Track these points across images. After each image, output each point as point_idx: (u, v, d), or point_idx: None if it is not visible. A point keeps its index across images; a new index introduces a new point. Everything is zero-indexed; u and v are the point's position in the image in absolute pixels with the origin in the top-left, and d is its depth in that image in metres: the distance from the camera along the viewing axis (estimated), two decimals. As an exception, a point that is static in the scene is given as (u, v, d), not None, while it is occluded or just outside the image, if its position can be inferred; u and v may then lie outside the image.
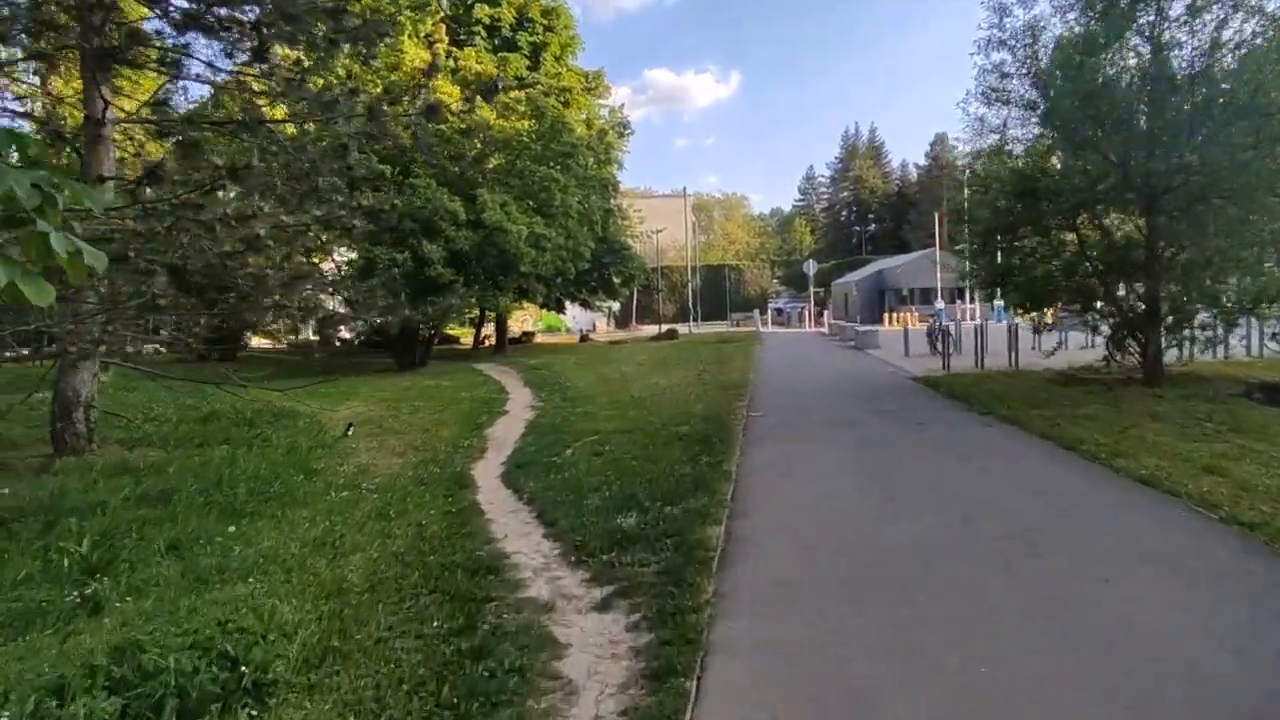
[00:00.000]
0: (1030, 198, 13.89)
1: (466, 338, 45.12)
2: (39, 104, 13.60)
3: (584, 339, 41.19)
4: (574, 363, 25.87)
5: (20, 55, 10.36)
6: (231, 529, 6.50)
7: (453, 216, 21.64)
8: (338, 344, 46.63)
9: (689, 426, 10.95)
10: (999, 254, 15.97)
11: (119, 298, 7.99)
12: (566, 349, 34.34)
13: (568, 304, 36.13)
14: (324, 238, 13.23)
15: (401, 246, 21.99)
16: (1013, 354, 17.16)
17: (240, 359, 33.17)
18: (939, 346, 19.38)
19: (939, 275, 45.98)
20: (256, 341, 44.04)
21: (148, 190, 7.94)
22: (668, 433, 10.51)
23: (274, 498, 7.45)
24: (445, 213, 21.47)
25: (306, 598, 4.93)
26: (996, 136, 14.45)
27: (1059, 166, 14.33)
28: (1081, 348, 17.00)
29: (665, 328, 40.31)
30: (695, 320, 44.92)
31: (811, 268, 42.26)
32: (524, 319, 54.08)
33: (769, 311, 50.78)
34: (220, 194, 8.35)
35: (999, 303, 26.72)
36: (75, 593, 4.99)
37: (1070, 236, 14.55)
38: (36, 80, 14.47)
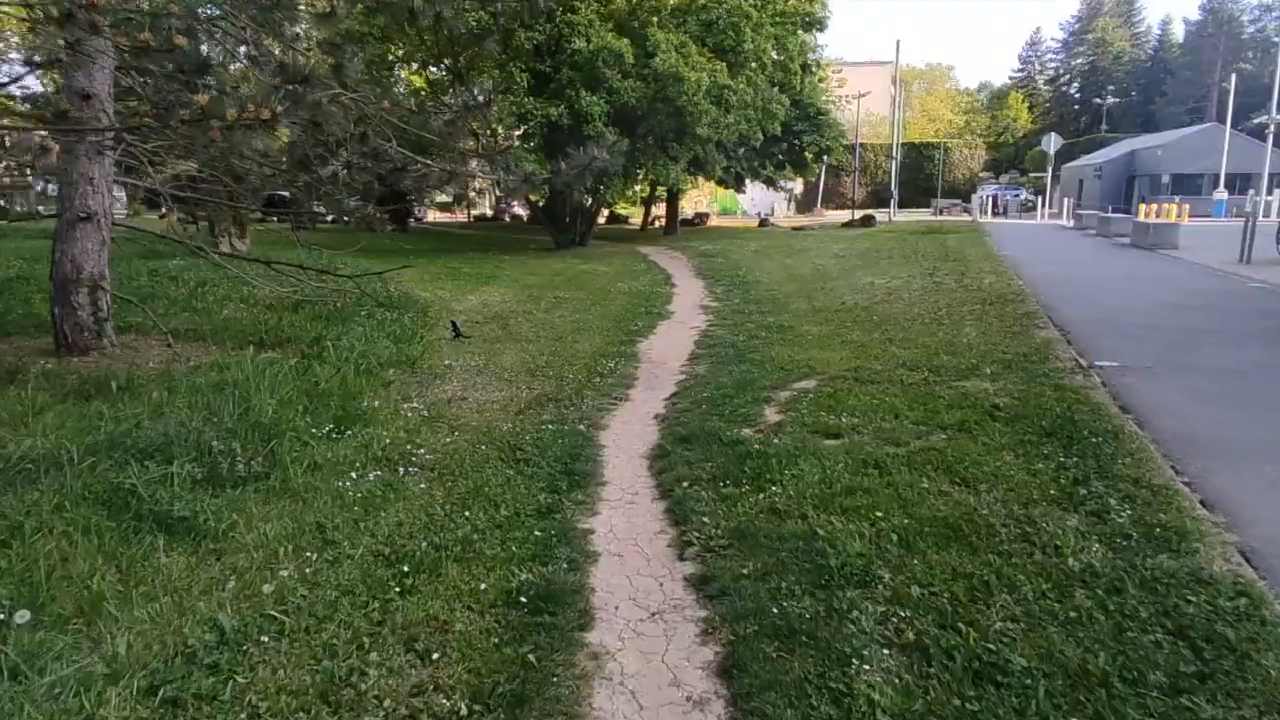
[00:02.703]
0: None
1: (636, 217, 41.57)
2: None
3: (763, 223, 36.21)
4: (754, 250, 21.49)
5: None
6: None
7: (618, 61, 17.34)
8: (507, 219, 45.35)
9: (987, 381, 6.44)
10: None
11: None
12: (744, 234, 29.75)
13: (748, 182, 31.13)
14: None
15: (558, 99, 18.18)
16: None
17: (411, 232, 32.07)
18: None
19: (1225, 158, 35.86)
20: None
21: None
22: (950, 392, 6.13)
23: (253, 480, 4.15)
24: (610, 56, 17.21)
25: None
26: None
27: None
28: None
29: (859, 214, 34.31)
30: (893, 206, 38.32)
31: (1054, 143, 33.89)
32: (697, 199, 49.54)
33: (981, 199, 42.66)
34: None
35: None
36: None
37: None
38: None
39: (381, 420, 5.43)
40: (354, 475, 4.39)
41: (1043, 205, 38.89)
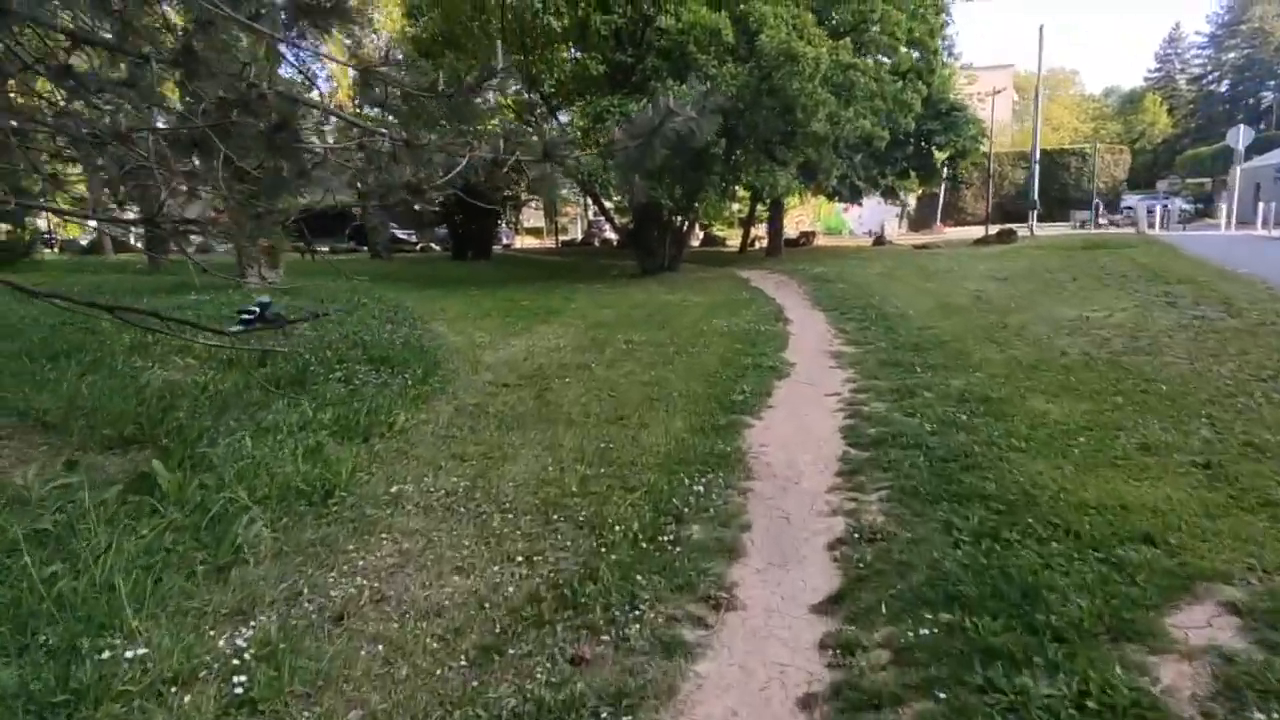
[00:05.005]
0: None
1: (734, 239, 37.91)
2: None
3: (879, 241, 31.86)
4: (879, 273, 17.51)
5: None
6: None
7: (714, 40, 13.96)
8: (597, 243, 42.78)
9: None
10: None
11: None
12: (859, 254, 25.61)
13: (863, 194, 27.00)
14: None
15: (640, 93, 14.97)
16: None
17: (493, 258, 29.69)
18: None
19: None
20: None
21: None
22: None
23: None
24: (704, 35, 13.86)
25: None
26: None
27: None
28: None
29: (995, 228, 29.43)
30: (1033, 219, 33.15)
31: (1242, 137, 27.96)
32: (799, 217, 45.44)
33: (1145, 207, 36.54)
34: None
35: None
36: None
37: None
38: None
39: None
40: None
41: (1221, 212, 32.57)
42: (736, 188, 20.91)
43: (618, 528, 3.59)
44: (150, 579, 2.96)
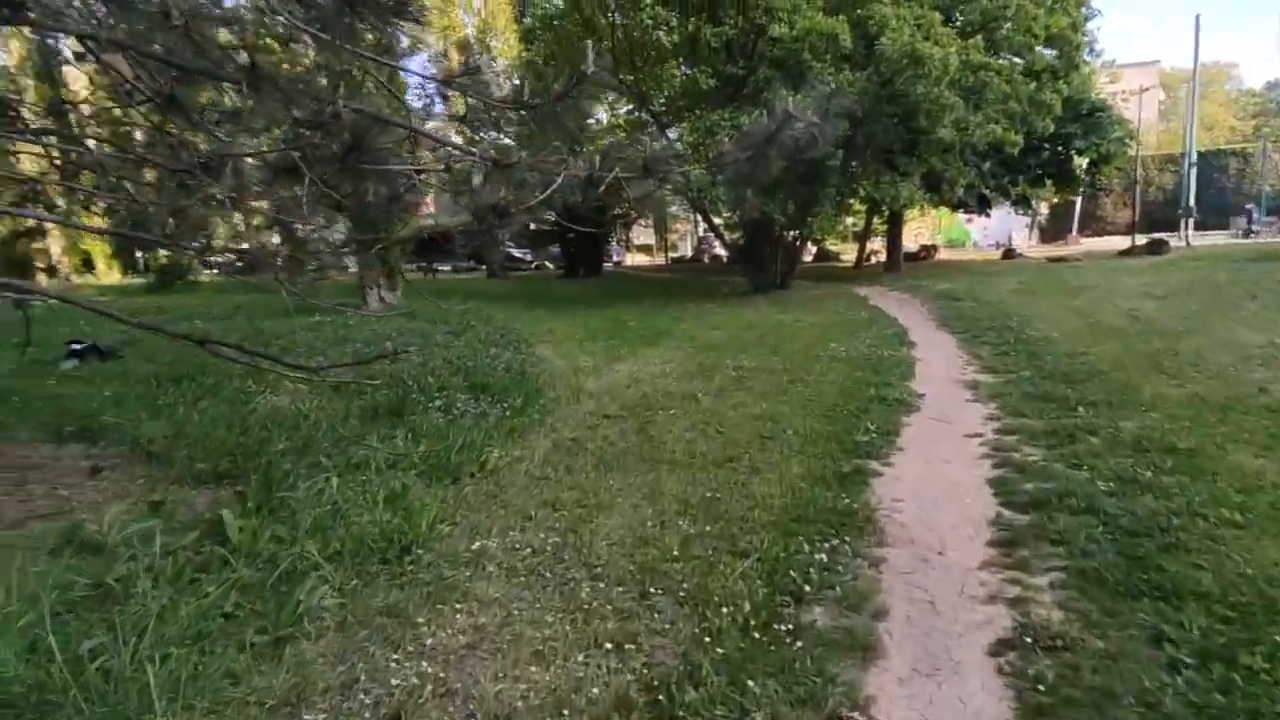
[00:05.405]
0: None
1: (848, 253, 36.41)
2: None
3: (1009, 254, 29.67)
4: (1014, 290, 16.04)
5: None
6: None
7: (831, 46, 13.21)
8: (706, 259, 42.31)
9: None
10: None
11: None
12: (987, 268, 23.82)
13: (992, 204, 25.17)
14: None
15: (752, 105, 14.39)
16: None
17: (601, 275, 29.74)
18: None
19: None
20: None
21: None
22: None
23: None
24: (820, 41, 13.14)
25: None
26: None
27: None
28: None
29: (1144, 238, 26.69)
30: (1187, 228, 29.85)
31: None
32: (918, 230, 43.21)
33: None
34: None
35: None
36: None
37: None
38: None
39: None
40: None
41: None
42: (852, 201, 19.92)
43: (725, 609, 3.02)
44: (198, 652, 2.65)
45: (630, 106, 22.11)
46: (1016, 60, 17.54)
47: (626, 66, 18.37)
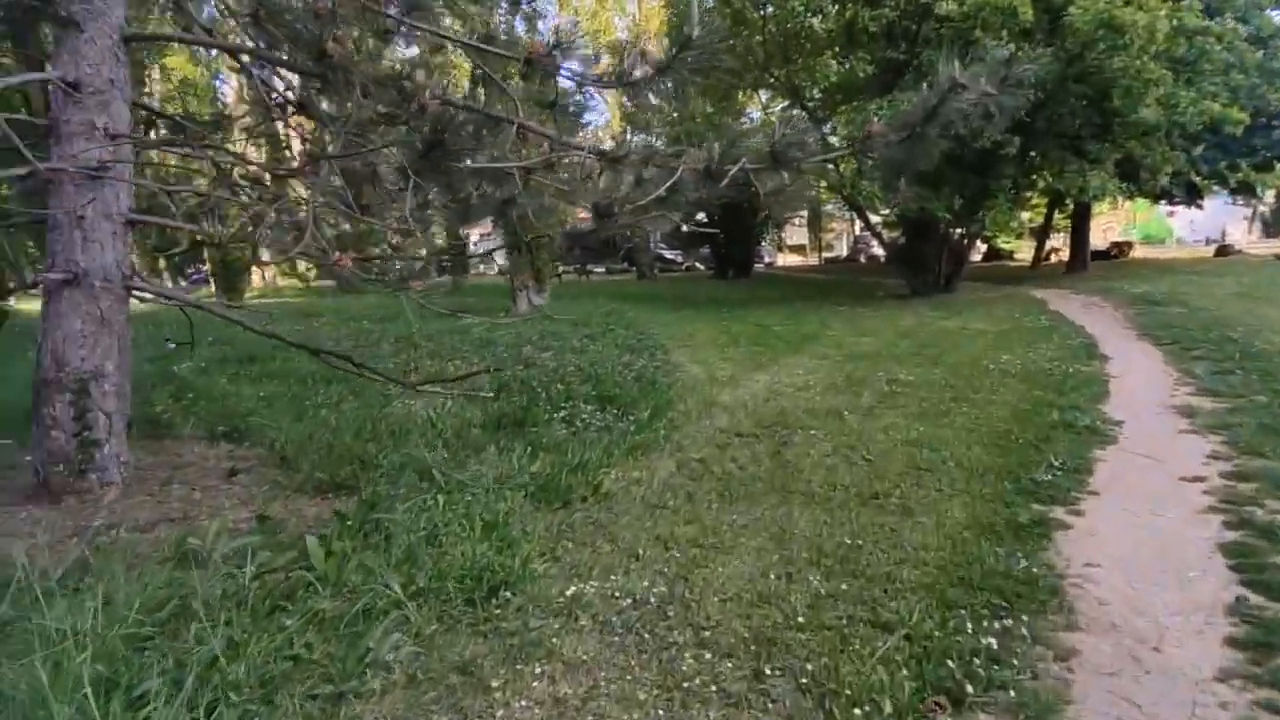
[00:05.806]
0: None
1: (1023, 252, 33.20)
2: None
3: (1223, 251, 25.78)
4: (1234, 293, 13.75)
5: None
6: None
7: (1007, 21, 11.78)
8: (863, 259, 40.32)
9: None
10: None
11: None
12: (1195, 267, 20.71)
13: (1204, 193, 21.87)
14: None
15: (913, 91, 13.18)
16: None
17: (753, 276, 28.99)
18: None
19: None
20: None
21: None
22: None
23: None
24: (994, 15, 11.75)
25: None
26: None
27: None
28: None
29: None
30: None
31: None
32: (1108, 225, 38.67)
33: None
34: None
35: None
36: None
37: None
38: None
39: None
40: None
41: None
42: (1029, 194, 17.95)
43: (857, 709, 2.39)
44: (259, 701, 2.41)
45: (785, 103, 21.24)
46: (1241, 25, 15.01)
47: (779, 60, 17.56)
